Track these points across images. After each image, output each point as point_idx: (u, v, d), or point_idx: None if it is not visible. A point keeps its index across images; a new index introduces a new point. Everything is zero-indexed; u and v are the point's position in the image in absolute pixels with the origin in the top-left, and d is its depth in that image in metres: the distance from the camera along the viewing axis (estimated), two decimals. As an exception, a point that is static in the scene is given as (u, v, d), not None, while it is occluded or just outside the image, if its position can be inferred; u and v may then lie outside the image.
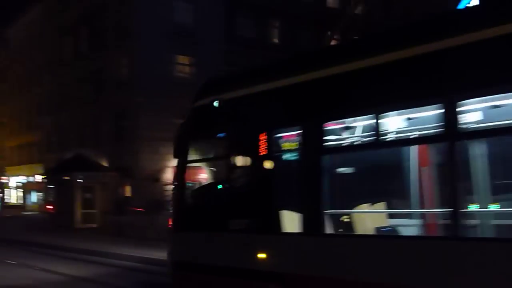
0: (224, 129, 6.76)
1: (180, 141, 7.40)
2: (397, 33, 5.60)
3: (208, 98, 6.89)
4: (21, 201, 51.02)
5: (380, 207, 6.16)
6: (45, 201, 36.49)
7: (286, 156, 6.26)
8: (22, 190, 51.42)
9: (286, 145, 6.34)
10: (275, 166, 6.11)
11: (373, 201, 6.13)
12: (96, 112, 34.46)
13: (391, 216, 6.22)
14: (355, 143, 6.04)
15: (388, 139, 5.43)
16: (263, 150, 6.15)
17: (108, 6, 34.06)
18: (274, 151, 6.12)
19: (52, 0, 41.88)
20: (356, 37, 7.95)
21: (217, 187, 7.38)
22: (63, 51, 40.28)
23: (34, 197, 47.87)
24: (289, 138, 6.24)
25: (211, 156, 7.58)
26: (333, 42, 13.04)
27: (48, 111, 42.31)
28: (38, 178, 41.85)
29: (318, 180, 5.59)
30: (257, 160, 6.19)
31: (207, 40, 32.01)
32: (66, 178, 28.17)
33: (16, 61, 50.11)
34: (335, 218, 5.77)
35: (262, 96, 6.40)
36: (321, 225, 5.54)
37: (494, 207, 5.34)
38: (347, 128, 6.07)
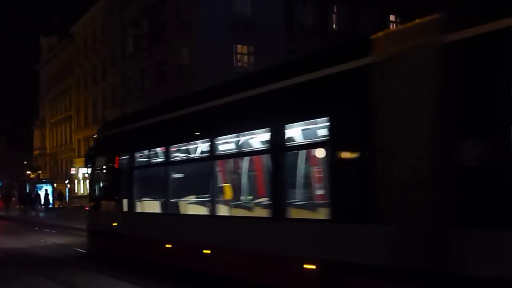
0: (106, 152, 12.65)
1: (88, 157, 14.28)
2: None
3: (102, 133, 13.83)
4: (88, 192, 52.78)
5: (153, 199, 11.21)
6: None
7: (123, 169, 11.65)
8: (89, 181, 53.14)
9: (123, 163, 11.75)
10: (119, 174, 11.90)
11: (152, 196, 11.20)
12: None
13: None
14: (147, 164, 11.29)
15: (152, 162, 11.00)
16: (116, 165, 12.08)
17: (168, -2, 34.58)
18: (120, 166, 11.88)
19: (114, -5, 42.98)
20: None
21: (101, 186, 13.29)
22: (126, 44, 41.29)
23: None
24: (125, 159, 11.63)
25: (102, 166, 12.92)
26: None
27: (113, 104, 43.57)
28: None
29: (132, 182, 11.17)
30: (114, 171, 12.24)
31: (267, 29, 31.91)
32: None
33: (82, 56, 51.79)
34: (137, 203, 11.17)
35: (117, 134, 12.51)
36: (131, 207, 11.18)
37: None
38: (143, 155, 11.33)
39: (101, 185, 13.31)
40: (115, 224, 11.67)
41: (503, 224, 4.63)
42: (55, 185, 47.54)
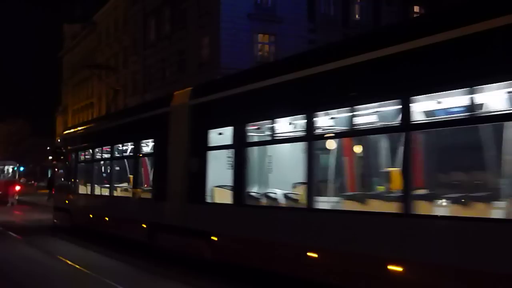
0: (64, 150, 18.19)
1: (53, 153, 20.07)
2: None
3: (61, 137, 20.35)
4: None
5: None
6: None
7: (72, 163, 17.17)
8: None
9: (72, 159, 17.31)
10: (70, 166, 17.47)
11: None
12: (179, 92, 35.23)
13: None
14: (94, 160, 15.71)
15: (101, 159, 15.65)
16: (68, 160, 17.60)
17: (190, -13, 34.53)
18: (70, 161, 17.41)
19: (137, -17, 43.06)
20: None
21: (60, 174, 18.98)
22: (147, 33, 41.43)
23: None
24: (73, 156, 17.32)
25: (61, 159, 18.52)
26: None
27: (133, 91, 43.84)
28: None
29: (77, 172, 16.81)
30: (67, 164, 17.73)
31: (288, 18, 31.72)
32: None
33: (104, 43, 52.14)
34: (81, 187, 16.41)
35: (67, 139, 18.53)
36: (77, 190, 16.61)
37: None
38: (83, 154, 16.88)
39: (60, 173, 19.20)
40: (67, 202, 16.99)
41: (199, 202, 9.77)
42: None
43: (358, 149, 8.08)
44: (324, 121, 7.59)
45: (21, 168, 44.91)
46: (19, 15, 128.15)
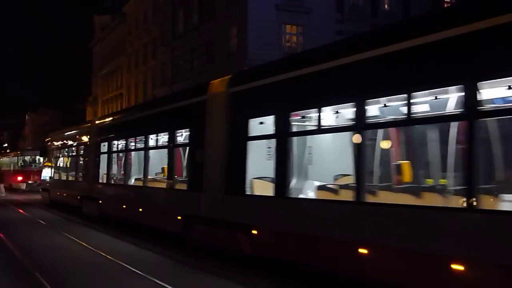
0: (49, 148, 25.65)
1: (42, 151, 27.94)
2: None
3: (48, 137, 27.26)
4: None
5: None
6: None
7: (56, 157, 24.63)
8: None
9: (56, 155, 24.74)
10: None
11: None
12: (207, 83, 35.45)
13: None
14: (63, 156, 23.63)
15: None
16: (52, 155, 25.10)
17: (218, -22, 34.61)
18: (54, 156, 24.85)
19: (165, -26, 43.32)
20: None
21: (45, 165, 27.36)
22: (176, 24, 41.70)
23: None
24: (56, 152, 24.68)
25: (48, 154, 26.06)
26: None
27: (162, 82, 44.25)
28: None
29: (58, 164, 24.61)
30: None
31: (316, 9, 31.58)
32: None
33: (133, 34, 52.67)
34: (59, 175, 24.22)
35: (50, 140, 26.14)
36: (55, 176, 24.67)
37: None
38: (60, 152, 24.38)
39: (45, 165, 27.10)
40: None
41: (238, 194, 9.52)
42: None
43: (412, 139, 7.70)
44: (375, 110, 7.23)
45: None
46: (50, 5, 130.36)
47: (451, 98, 6.30)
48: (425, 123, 6.95)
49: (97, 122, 19.53)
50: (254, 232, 8.99)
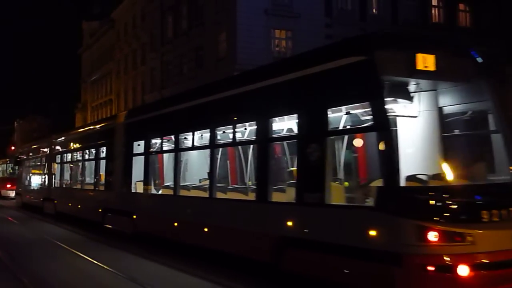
0: (22, 160, 30.96)
1: (16, 161, 32.34)
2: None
3: (20, 150, 34.44)
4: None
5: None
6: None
7: (27, 167, 29.84)
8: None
9: (27, 165, 30.04)
10: (24, 169, 30.31)
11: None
12: (196, 88, 35.38)
13: None
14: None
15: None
16: (24, 166, 30.52)
17: (207, -17, 34.61)
18: (24, 166, 30.35)
19: (154, -20, 43.27)
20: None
21: (19, 174, 32.17)
22: (165, 29, 41.66)
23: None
24: (27, 163, 29.78)
25: (20, 165, 31.40)
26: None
27: (152, 88, 44.16)
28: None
29: (29, 173, 29.23)
30: (24, 168, 30.28)
31: (305, 14, 31.65)
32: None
33: (122, 40, 52.55)
34: (29, 182, 29.05)
35: (22, 153, 31.98)
36: (27, 183, 29.29)
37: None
38: (30, 163, 29.31)
39: (20, 174, 31.50)
40: (20, 189, 26.96)
41: (127, 191, 15.06)
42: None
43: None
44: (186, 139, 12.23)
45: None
46: (38, 12, 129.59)
47: (248, 130, 10.17)
48: (241, 145, 11.06)
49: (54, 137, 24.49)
50: (134, 216, 13.97)
